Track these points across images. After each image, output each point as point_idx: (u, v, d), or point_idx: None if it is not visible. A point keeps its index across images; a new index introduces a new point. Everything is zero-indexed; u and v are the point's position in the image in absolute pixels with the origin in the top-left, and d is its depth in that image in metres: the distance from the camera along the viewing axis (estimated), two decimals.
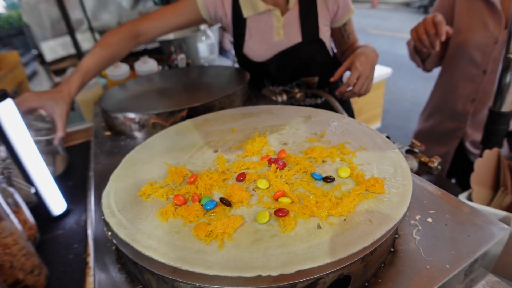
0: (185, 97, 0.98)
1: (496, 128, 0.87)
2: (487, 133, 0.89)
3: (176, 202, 0.46)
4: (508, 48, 0.78)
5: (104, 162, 0.79)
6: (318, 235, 0.39)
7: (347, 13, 1.11)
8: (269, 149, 0.60)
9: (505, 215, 0.72)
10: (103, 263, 0.50)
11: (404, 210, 0.43)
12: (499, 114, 0.85)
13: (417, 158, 0.83)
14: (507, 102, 0.84)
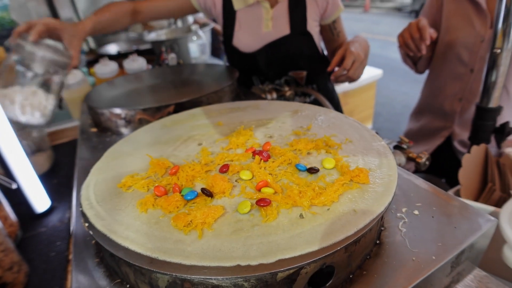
0: (173, 93, 0.96)
1: (484, 124, 0.87)
2: (474, 129, 0.89)
3: (157, 193, 0.45)
4: (493, 44, 0.78)
5: (88, 158, 0.77)
6: (300, 225, 0.38)
7: (336, 10, 1.12)
8: (254, 141, 0.59)
9: (492, 210, 0.71)
10: (81, 258, 0.48)
11: (388, 200, 0.42)
12: (486, 110, 0.85)
13: (405, 154, 0.83)
14: (494, 98, 0.84)
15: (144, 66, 1.29)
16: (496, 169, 0.87)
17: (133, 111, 0.83)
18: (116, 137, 0.86)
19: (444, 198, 0.55)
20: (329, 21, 1.14)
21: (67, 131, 1.20)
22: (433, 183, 0.64)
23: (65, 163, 1.06)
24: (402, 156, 0.82)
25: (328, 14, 1.12)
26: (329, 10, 1.11)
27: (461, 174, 0.84)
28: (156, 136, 0.65)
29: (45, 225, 0.80)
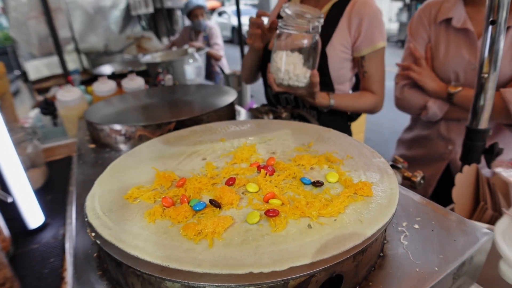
0: (173, 111, 0.98)
1: (474, 145, 0.90)
2: (465, 149, 0.92)
3: (164, 204, 0.45)
4: (481, 70, 0.83)
5: (87, 173, 0.77)
6: (310, 234, 0.39)
7: (368, 46, 1.09)
8: (257, 157, 0.60)
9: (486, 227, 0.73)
10: (83, 271, 0.47)
11: (392, 211, 0.44)
12: (475, 131, 0.89)
13: (401, 173, 0.85)
14: (483, 120, 0.88)
15: (142, 86, 1.31)
16: (487, 188, 0.90)
17: (133, 127, 0.84)
18: (115, 153, 0.86)
19: (442, 213, 0.57)
20: (358, 54, 1.12)
21: (61, 148, 1.19)
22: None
23: (59, 179, 1.04)
24: (398, 175, 0.84)
25: (358, 46, 1.10)
26: (359, 41, 1.09)
27: (454, 193, 0.86)
28: (160, 151, 0.66)
29: (38, 241, 0.78)
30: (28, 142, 0.95)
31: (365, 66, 1.13)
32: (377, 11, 1.08)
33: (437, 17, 1.17)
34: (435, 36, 1.18)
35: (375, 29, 1.07)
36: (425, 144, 1.31)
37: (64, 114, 1.18)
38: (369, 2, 1.09)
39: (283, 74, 1.00)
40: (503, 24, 0.80)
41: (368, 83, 1.15)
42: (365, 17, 1.07)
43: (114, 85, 1.25)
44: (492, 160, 0.93)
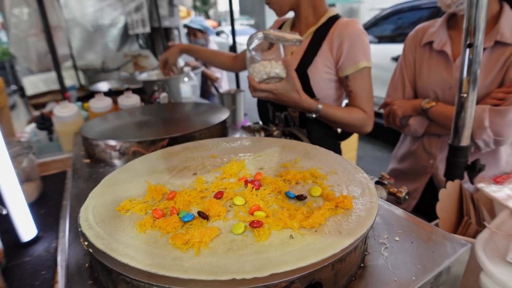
0: (166, 128, 1.01)
1: (456, 161, 0.94)
2: (448, 166, 0.96)
3: (155, 215, 0.48)
4: (460, 90, 0.87)
5: (81, 187, 0.79)
6: (291, 244, 0.42)
7: (351, 66, 1.12)
8: (246, 172, 0.63)
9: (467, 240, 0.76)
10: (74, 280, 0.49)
11: (370, 223, 0.46)
12: (457, 148, 0.92)
13: (386, 189, 0.88)
14: (464, 137, 0.92)
15: (138, 103, 1.34)
16: (471, 204, 0.93)
17: (128, 143, 0.86)
18: (109, 168, 0.88)
19: (422, 226, 0.59)
20: (342, 74, 1.16)
21: (56, 162, 1.21)
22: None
23: (53, 193, 1.06)
24: (383, 191, 0.86)
25: (341, 66, 1.14)
26: (341, 62, 1.13)
27: (439, 208, 0.89)
28: (153, 166, 0.68)
29: (30, 254, 0.79)
30: (24, 156, 0.97)
31: (350, 86, 1.17)
32: (359, 31, 1.12)
33: (421, 41, 1.24)
34: (420, 58, 1.26)
35: (356, 50, 1.11)
36: (412, 158, 1.36)
37: (60, 129, 1.20)
38: (350, 23, 1.14)
39: (260, 69, 1.05)
40: (479, 47, 0.85)
41: (355, 102, 1.18)
42: (346, 38, 1.11)
43: (110, 102, 1.28)
44: (475, 176, 0.97)
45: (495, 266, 0.60)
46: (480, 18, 0.83)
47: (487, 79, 1.09)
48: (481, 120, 1.04)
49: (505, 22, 1.06)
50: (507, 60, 1.06)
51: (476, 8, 0.82)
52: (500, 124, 1.03)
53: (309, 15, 1.21)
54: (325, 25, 1.19)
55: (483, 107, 1.05)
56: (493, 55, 1.09)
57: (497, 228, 0.74)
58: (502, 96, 1.05)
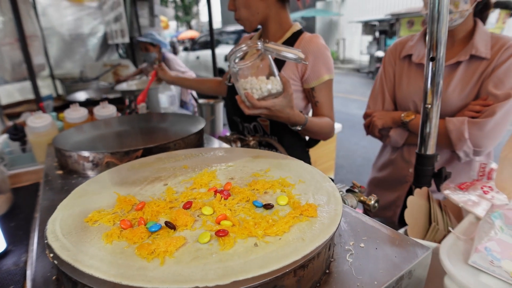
0: (141, 139, 1.01)
1: (423, 169, 0.98)
2: (416, 174, 1.00)
3: (122, 226, 0.48)
4: (425, 101, 0.92)
5: (52, 198, 0.78)
6: (255, 252, 0.43)
7: (315, 79, 1.19)
8: (216, 182, 0.64)
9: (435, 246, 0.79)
10: None
11: (333, 230, 0.48)
12: (424, 157, 0.97)
13: (357, 197, 0.90)
14: (430, 146, 0.96)
15: (114, 113, 1.34)
16: (439, 210, 0.97)
17: (101, 154, 0.86)
18: (82, 179, 0.87)
19: (387, 232, 0.62)
20: (308, 86, 1.22)
21: (28, 174, 1.19)
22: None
23: (24, 206, 1.03)
24: (354, 199, 0.89)
25: (306, 79, 1.20)
26: (307, 75, 1.19)
27: (407, 215, 0.92)
28: (124, 177, 0.68)
29: None
30: None
31: (316, 97, 1.23)
32: (321, 47, 1.19)
33: (401, 54, 1.30)
34: (399, 70, 1.31)
35: (320, 64, 1.18)
36: (391, 167, 1.40)
37: (33, 140, 1.18)
38: (314, 39, 1.20)
39: (261, 86, 1.02)
40: (442, 60, 0.90)
41: (321, 111, 1.25)
42: (310, 53, 1.18)
43: (86, 112, 1.27)
44: (441, 183, 1.01)
45: (457, 269, 0.63)
46: (441, 33, 0.87)
47: (463, 92, 1.15)
48: (461, 132, 1.09)
49: (479, 37, 1.13)
50: (482, 74, 1.12)
51: (438, 23, 0.87)
52: (479, 136, 1.09)
53: (276, 30, 1.26)
54: (290, 40, 1.25)
55: (462, 119, 1.10)
56: (469, 69, 1.15)
57: (463, 232, 0.78)
58: (479, 109, 1.10)
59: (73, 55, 3.28)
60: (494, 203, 0.91)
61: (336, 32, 16.43)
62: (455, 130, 1.10)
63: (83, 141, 1.01)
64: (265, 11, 1.22)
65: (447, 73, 1.18)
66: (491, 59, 1.11)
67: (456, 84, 1.16)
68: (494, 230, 0.67)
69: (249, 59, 1.00)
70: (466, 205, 0.90)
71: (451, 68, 1.18)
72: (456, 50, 1.19)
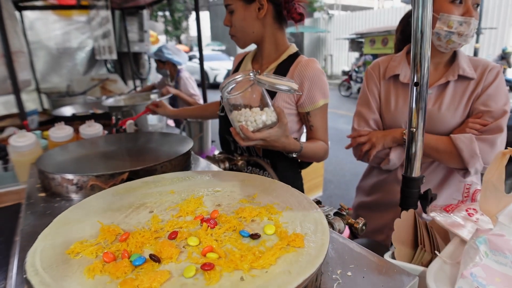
0: (128, 160, 1.00)
1: (410, 191, 0.99)
2: (402, 196, 1.01)
3: (105, 259, 0.47)
4: (410, 124, 0.93)
5: (34, 224, 0.76)
6: (241, 286, 0.42)
7: (310, 104, 1.20)
8: (203, 209, 0.63)
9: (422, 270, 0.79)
10: None
11: (320, 262, 0.48)
12: (410, 179, 0.98)
13: (345, 220, 0.91)
14: (416, 168, 0.97)
15: (100, 132, 1.32)
16: (426, 232, 0.97)
17: (85, 177, 0.85)
18: (66, 202, 0.85)
19: (374, 259, 0.62)
20: (303, 110, 1.22)
21: (10, 194, 1.15)
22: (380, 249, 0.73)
23: (4, 228, 1.00)
24: (342, 222, 0.89)
25: (301, 104, 1.21)
26: (302, 100, 1.20)
27: (394, 237, 0.92)
28: (108, 203, 0.67)
29: None
30: None
31: (310, 121, 1.24)
32: (318, 72, 1.19)
33: (385, 74, 1.31)
34: (385, 90, 1.31)
35: (316, 90, 1.18)
36: (383, 189, 1.39)
37: (16, 159, 1.16)
38: (310, 64, 1.20)
39: (255, 118, 1.01)
40: (425, 86, 0.92)
41: (315, 134, 1.26)
42: (306, 78, 1.18)
43: (71, 131, 1.26)
44: (427, 205, 1.02)
45: None
46: (425, 55, 0.89)
47: (457, 111, 1.18)
48: (473, 149, 1.10)
49: (462, 59, 1.18)
50: (472, 93, 1.16)
51: (421, 43, 0.89)
52: (490, 152, 1.10)
53: (271, 50, 1.27)
54: (286, 62, 1.25)
55: (469, 136, 1.11)
56: (458, 88, 1.18)
57: (449, 256, 0.78)
58: (479, 128, 1.13)
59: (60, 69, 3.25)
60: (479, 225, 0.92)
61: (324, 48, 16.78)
62: (466, 148, 1.11)
63: (67, 161, 0.99)
64: (261, 30, 1.22)
65: (438, 93, 1.21)
66: (478, 80, 1.15)
67: (448, 103, 1.19)
68: (479, 255, 0.67)
69: (241, 88, 0.99)
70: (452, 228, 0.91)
71: (441, 88, 1.21)
72: (441, 71, 1.23)
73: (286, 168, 1.33)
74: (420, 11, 0.86)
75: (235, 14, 1.19)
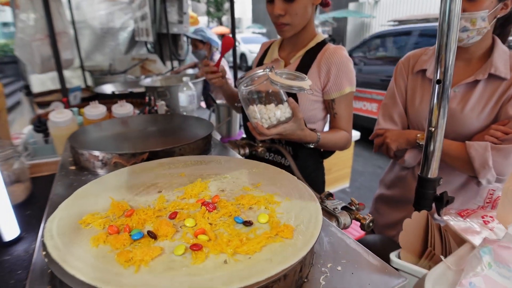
0: (150, 141, 1.06)
1: (424, 192, 0.97)
2: (416, 196, 0.99)
3: (109, 231, 0.53)
4: (429, 123, 0.91)
5: (61, 194, 0.84)
6: (223, 269, 0.46)
7: (337, 91, 1.20)
8: (206, 193, 0.67)
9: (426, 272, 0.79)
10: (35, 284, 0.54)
11: (303, 254, 0.50)
12: (426, 180, 0.96)
13: (353, 214, 0.91)
14: (433, 169, 0.95)
15: (131, 112, 1.41)
16: (439, 235, 0.96)
17: (110, 154, 0.92)
18: (92, 176, 0.94)
19: (368, 258, 0.63)
20: (328, 97, 1.23)
21: (48, 165, 1.27)
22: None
23: (40, 195, 1.11)
24: (348, 217, 0.90)
25: (327, 90, 1.22)
26: (328, 87, 1.21)
27: (401, 238, 0.92)
28: (124, 180, 0.73)
29: (10, 253, 0.84)
30: (15, 159, 1.03)
31: (335, 108, 1.24)
32: (345, 59, 1.19)
33: (414, 68, 1.27)
34: (412, 85, 1.28)
35: (343, 76, 1.18)
36: (402, 185, 1.37)
37: (54, 133, 1.27)
38: (338, 51, 1.20)
39: (269, 115, 1.04)
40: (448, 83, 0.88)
41: (338, 123, 1.26)
42: (334, 65, 1.18)
43: (104, 109, 1.35)
44: (442, 207, 1.00)
45: None
46: (450, 51, 0.85)
47: (482, 113, 1.11)
48: (485, 159, 1.05)
49: (498, 56, 1.09)
50: (502, 95, 1.08)
51: (447, 37, 0.85)
52: (504, 164, 1.05)
53: (303, 38, 1.27)
54: (314, 49, 1.25)
55: (484, 144, 1.06)
56: (487, 88, 1.11)
57: (456, 262, 0.77)
58: (500, 136, 1.06)
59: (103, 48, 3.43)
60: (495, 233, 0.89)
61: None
62: (478, 157, 1.06)
63: (97, 139, 1.07)
64: (309, 17, 1.22)
65: (464, 92, 1.15)
66: (511, 80, 1.07)
67: (474, 104, 1.13)
68: (481, 265, 0.66)
69: (257, 83, 1.02)
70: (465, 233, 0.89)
71: (469, 86, 1.14)
72: (474, 68, 1.15)
73: (307, 157, 1.35)
74: (448, 1, 0.82)
75: (298, 2, 1.15)
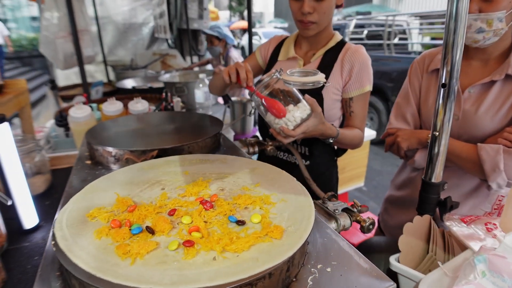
0: (162, 138, 1.11)
1: (428, 197, 0.97)
2: (420, 200, 0.99)
3: (112, 225, 0.57)
4: (434, 128, 0.91)
5: (76, 187, 0.90)
6: (211, 265, 0.50)
7: (357, 88, 1.22)
8: (206, 192, 0.71)
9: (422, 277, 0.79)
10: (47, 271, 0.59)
11: (289, 255, 0.53)
12: (430, 184, 0.96)
13: (353, 216, 0.93)
14: (437, 174, 0.95)
15: (146, 109, 1.47)
16: (441, 240, 0.96)
17: (122, 151, 0.97)
18: (105, 171, 0.99)
19: (359, 261, 0.64)
20: (347, 96, 1.25)
21: (68, 158, 1.35)
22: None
23: (59, 187, 1.19)
24: (348, 219, 0.91)
25: (348, 88, 1.23)
26: (349, 84, 1.22)
27: (401, 241, 0.92)
28: (132, 177, 0.78)
29: (29, 240, 0.91)
30: (37, 152, 1.11)
31: (352, 107, 1.26)
32: (366, 58, 1.22)
33: (429, 67, 1.25)
34: (426, 84, 1.26)
35: (364, 75, 1.21)
36: (412, 187, 1.36)
37: (73, 128, 1.34)
38: (359, 50, 1.22)
39: (294, 115, 1.03)
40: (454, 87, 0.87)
41: (353, 122, 1.28)
42: (356, 63, 1.20)
43: (121, 106, 1.41)
44: (445, 213, 0.99)
45: None
46: (457, 49, 0.84)
47: (497, 115, 1.09)
48: (496, 163, 1.03)
49: None
50: None
51: (452, 49, 0.84)
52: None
53: (322, 37, 1.28)
54: (334, 49, 1.27)
55: (496, 147, 1.04)
56: (504, 89, 1.08)
57: (453, 268, 0.77)
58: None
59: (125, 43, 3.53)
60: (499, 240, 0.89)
61: None
62: (489, 160, 1.04)
63: (112, 135, 1.13)
64: (332, 17, 1.24)
65: (480, 93, 1.12)
66: None
67: (488, 105, 1.10)
68: (474, 273, 0.66)
69: (270, 89, 1.02)
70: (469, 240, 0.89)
71: (484, 87, 1.11)
72: (491, 68, 1.12)
73: (321, 154, 1.38)
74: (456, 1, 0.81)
75: (327, 0, 1.14)
